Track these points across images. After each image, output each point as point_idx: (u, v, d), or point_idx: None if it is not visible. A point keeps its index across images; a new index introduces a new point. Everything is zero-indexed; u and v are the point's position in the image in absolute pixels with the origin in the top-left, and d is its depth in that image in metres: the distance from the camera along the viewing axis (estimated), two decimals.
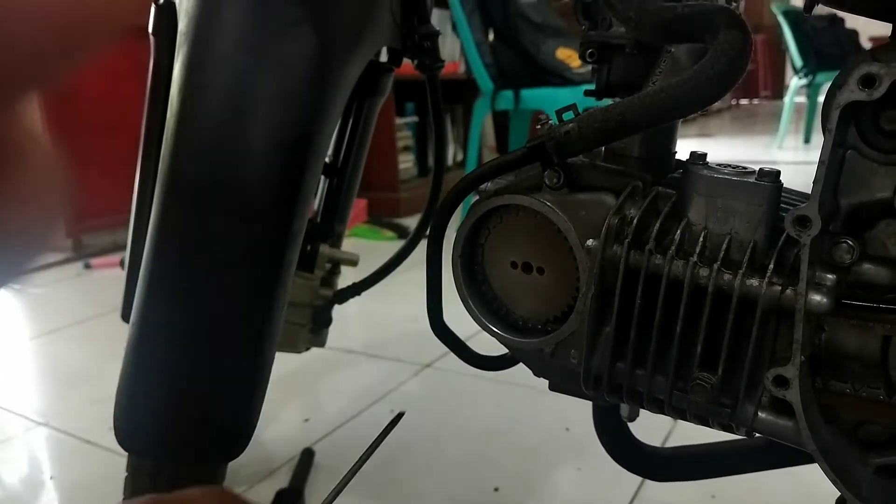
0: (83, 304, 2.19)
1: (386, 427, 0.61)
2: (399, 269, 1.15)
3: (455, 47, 3.34)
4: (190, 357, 0.57)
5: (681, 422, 0.74)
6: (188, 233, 0.56)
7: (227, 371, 0.59)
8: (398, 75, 0.87)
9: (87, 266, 2.58)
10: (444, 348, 0.68)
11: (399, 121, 3.18)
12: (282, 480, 1.18)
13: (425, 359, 1.67)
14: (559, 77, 2.62)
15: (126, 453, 0.69)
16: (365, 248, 2.90)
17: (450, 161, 3.49)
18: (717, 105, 9.58)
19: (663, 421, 1.32)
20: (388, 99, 0.88)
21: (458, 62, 3.40)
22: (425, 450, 1.30)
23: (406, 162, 3.27)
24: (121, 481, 0.78)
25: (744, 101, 9.93)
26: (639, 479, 1.17)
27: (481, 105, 2.70)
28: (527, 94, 2.59)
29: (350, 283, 1.09)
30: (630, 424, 0.68)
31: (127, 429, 0.60)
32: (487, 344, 0.65)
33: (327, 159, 0.91)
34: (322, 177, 0.92)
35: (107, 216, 2.72)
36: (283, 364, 1.64)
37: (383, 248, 2.81)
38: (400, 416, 0.61)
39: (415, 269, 0.59)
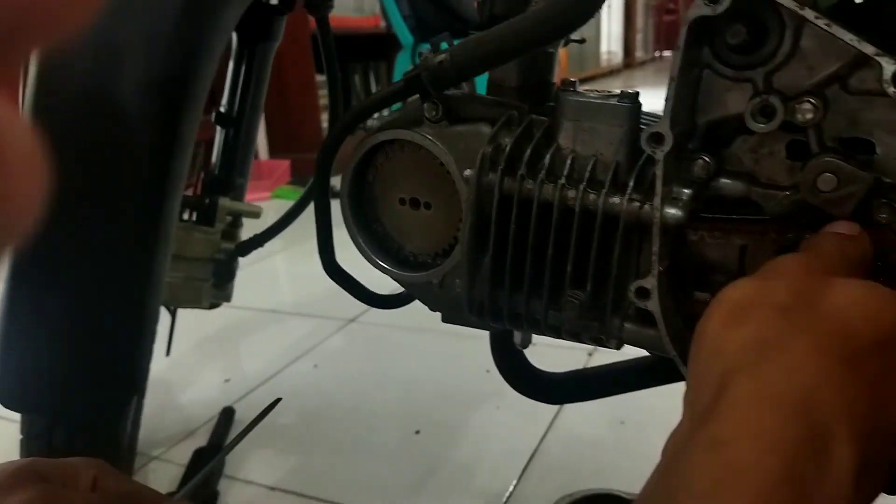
0: None
1: (260, 413, 0.61)
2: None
3: (375, 1, 3.26)
4: (67, 311, 0.55)
5: None
6: (56, 183, 0.53)
7: (106, 325, 0.57)
8: (315, 30, 0.85)
9: None
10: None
11: (320, 78, 3.11)
12: (201, 440, 1.17)
13: (350, 314, 1.68)
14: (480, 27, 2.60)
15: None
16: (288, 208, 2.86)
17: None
18: (640, 56, 9.72)
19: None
20: (307, 55, 0.85)
21: (378, 16, 3.33)
22: (347, 401, 1.31)
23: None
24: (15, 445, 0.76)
25: (667, 54, 10.12)
26: (553, 411, 1.22)
27: (402, 60, 2.66)
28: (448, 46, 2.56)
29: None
30: None
31: (4, 385, 0.58)
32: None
33: (222, 109, 0.89)
34: (218, 127, 0.89)
35: None
36: (204, 325, 1.62)
37: (307, 208, 2.77)
38: (276, 401, 0.60)
39: (341, 226, 0.59)
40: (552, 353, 0.76)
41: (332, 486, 1.06)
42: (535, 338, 0.65)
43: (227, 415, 1.22)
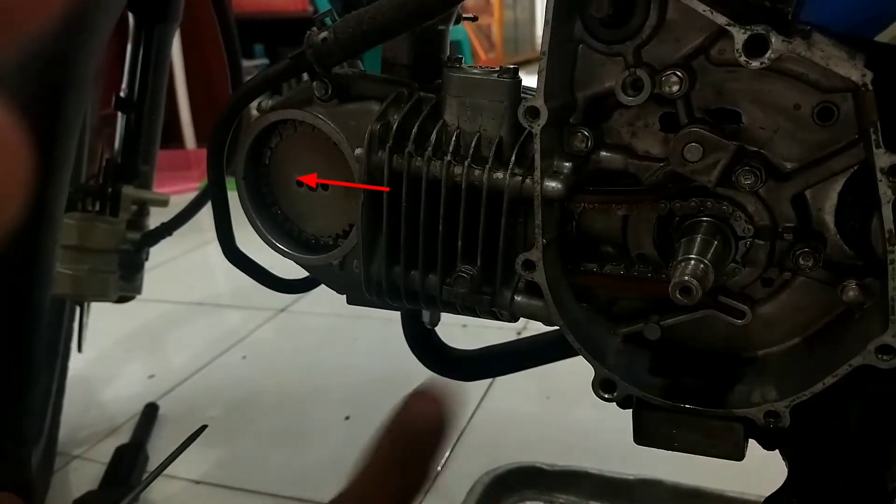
0: None
1: (183, 442, 0.58)
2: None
3: None
4: None
5: None
6: None
7: None
8: (244, 14, 0.83)
9: None
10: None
11: (247, 63, 3.03)
12: (124, 437, 1.14)
13: (280, 304, 1.65)
14: None
15: None
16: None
17: None
18: None
19: None
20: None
21: (306, 0, 3.26)
22: (276, 390, 1.29)
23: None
24: None
25: None
26: (482, 390, 1.23)
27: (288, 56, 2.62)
28: None
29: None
30: None
31: None
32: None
33: (122, 93, 0.86)
34: (119, 113, 0.86)
35: None
36: (128, 320, 1.58)
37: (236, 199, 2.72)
38: (202, 428, 0.58)
39: None
40: (485, 334, 0.77)
41: (259, 477, 1.05)
42: (467, 319, 0.65)
43: (151, 411, 1.20)
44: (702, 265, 0.41)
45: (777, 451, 0.51)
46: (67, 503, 0.95)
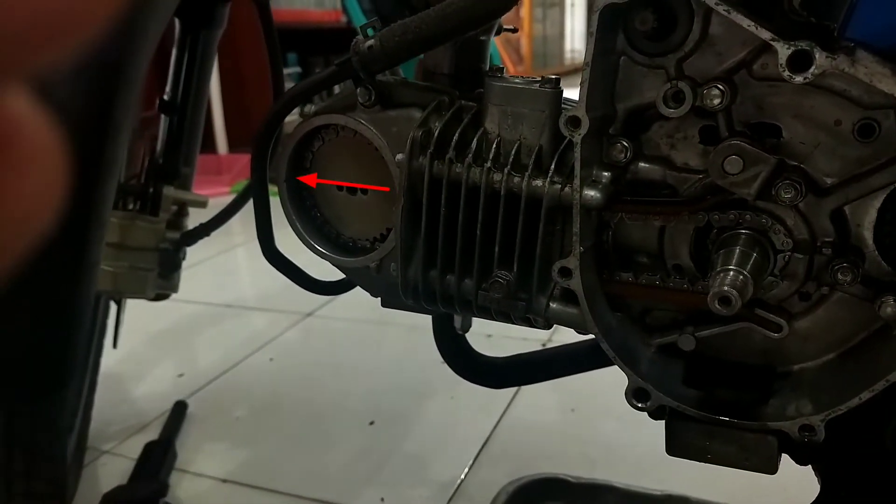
0: None
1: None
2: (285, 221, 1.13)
3: None
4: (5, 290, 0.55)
5: None
6: None
7: (34, 310, 0.57)
8: (278, 23, 0.85)
9: None
10: (326, 297, 0.68)
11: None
12: (153, 434, 1.16)
13: (307, 308, 1.67)
14: None
15: None
16: (248, 204, 2.83)
17: None
18: None
19: None
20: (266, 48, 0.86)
21: (339, 11, 3.32)
22: (302, 393, 1.31)
23: (290, 115, 3.18)
24: None
25: None
26: (507, 400, 1.23)
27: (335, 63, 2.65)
28: None
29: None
30: None
31: None
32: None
33: (165, 96, 0.88)
34: (162, 116, 0.89)
35: None
36: (160, 320, 1.61)
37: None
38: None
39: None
40: (510, 345, 0.77)
41: (284, 478, 1.06)
42: (492, 329, 0.66)
43: (180, 409, 1.21)
44: (741, 276, 0.42)
45: (808, 467, 0.51)
46: (97, 497, 0.97)
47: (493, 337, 1.39)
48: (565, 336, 0.74)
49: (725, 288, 0.41)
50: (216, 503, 1.02)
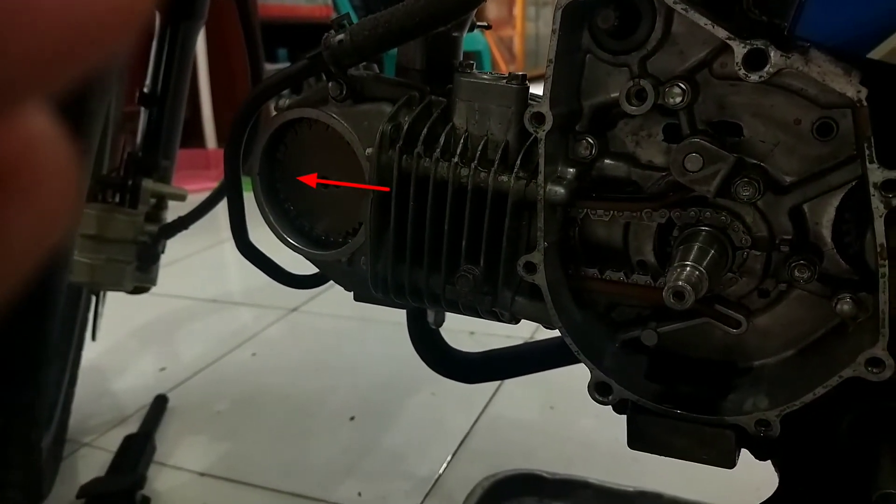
0: None
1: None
2: None
3: None
4: None
5: None
6: None
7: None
8: (268, 18, 0.85)
9: None
10: (311, 292, 0.68)
11: (270, 67, 3.07)
12: (133, 427, 1.16)
13: (292, 304, 1.67)
14: None
15: None
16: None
17: None
18: None
19: None
20: None
21: (329, 6, 3.31)
22: (284, 388, 1.31)
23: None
24: None
25: None
26: (487, 397, 1.24)
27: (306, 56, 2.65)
28: None
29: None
30: None
31: None
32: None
33: (145, 89, 0.88)
34: (141, 108, 0.89)
35: None
36: (142, 314, 1.60)
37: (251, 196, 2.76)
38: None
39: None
40: (492, 342, 0.78)
41: (262, 472, 1.06)
42: (475, 327, 0.66)
43: (160, 402, 1.21)
44: (697, 272, 0.42)
45: (772, 466, 0.52)
46: (74, 489, 0.97)
47: (475, 334, 1.39)
48: (548, 333, 0.75)
49: (680, 283, 0.41)
50: (193, 496, 1.02)
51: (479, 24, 0.62)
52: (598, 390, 0.50)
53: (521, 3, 6.38)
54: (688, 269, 0.42)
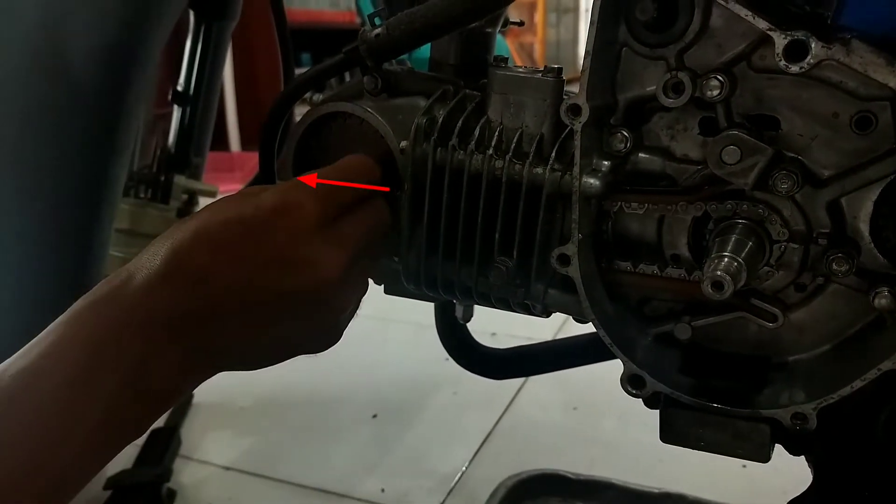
0: None
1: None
2: None
3: None
4: (12, 269, 0.56)
5: None
6: (0, 148, 0.55)
7: (52, 279, 0.58)
8: (293, 24, 0.86)
9: None
10: None
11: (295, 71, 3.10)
12: (158, 420, 1.17)
13: None
14: None
15: None
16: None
17: None
18: None
19: None
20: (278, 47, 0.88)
21: (353, 12, 3.34)
22: (306, 385, 1.32)
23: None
24: None
25: None
26: (509, 396, 1.24)
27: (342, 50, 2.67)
28: None
29: None
30: None
31: None
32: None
33: (178, 87, 0.90)
34: (175, 106, 0.90)
35: None
36: None
37: None
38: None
39: None
40: (514, 343, 0.78)
41: (286, 467, 1.07)
42: (497, 327, 0.67)
43: (185, 398, 1.23)
44: (735, 263, 0.42)
45: (805, 462, 0.52)
46: (102, 480, 0.99)
47: (497, 335, 1.39)
48: (570, 334, 0.74)
49: (719, 273, 0.41)
50: (218, 489, 1.04)
51: (512, 20, 0.63)
52: (632, 383, 0.50)
53: (542, 9, 6.38)
54: (726, 259, 0.42)
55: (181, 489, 1.02)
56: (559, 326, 1.48)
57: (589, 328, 0.59)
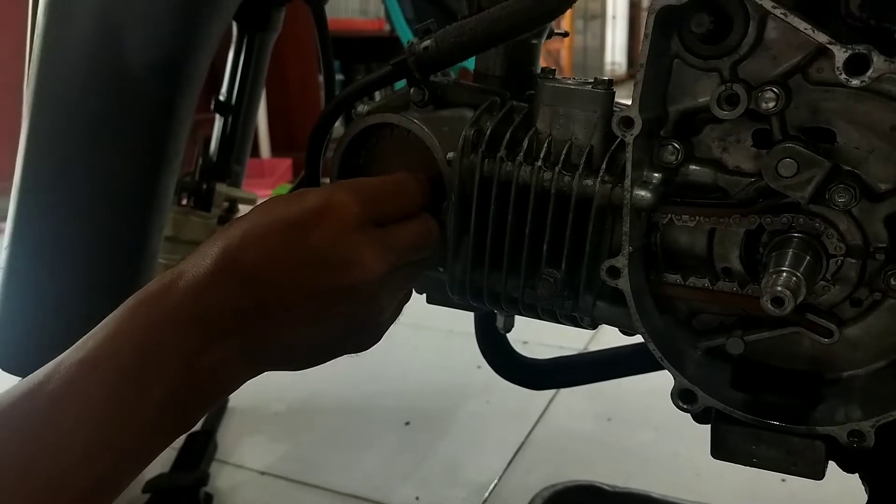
0: None
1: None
2: None
3: (380, 5, 3.30)
4: (64, 281, 0.58)
5: None
6: (57, 155, 0.56)
7: (103, 287, 0.60)
8: None
9: None
10: None
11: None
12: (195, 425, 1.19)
13: None
14: None
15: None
16: None
17: None
18: None
19: None
20: (309, 55, 0.87)
21: (383, 20, 3.36)
22: (339, 392, 1.33)
23: None
24: None
25: None
26: (542, 406, 1.23)
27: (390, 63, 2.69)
28: None
29: None
30: None
31: (3, 347, 0.60)
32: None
33: (221, 97, 0.91)
34: (217, 115, 0.92)
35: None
36: None
37: None
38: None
39: None
40: (545, 353, 0.78)
41: (321, 473, 1.08)
42: (528, 336, 0.67)
43: (221, 402, 1.24)
44: (794, 277, 0.42)
45: (860, 480, 0.51)
46: (141, 483, 1.00)
47: (528, 344, 1.39)
48: (602, 346, 0.74)
49: (779, 288, 0.41)
50: (254, 494, 1.04)
51: (557, 31, 0.63)
52: (683, 398, 0.49)
53: (569, 15, 6.37)
54: (785, 274, 0.42)
55: (218, 493, 1.04)
56: (591, 336, 1.47)
57: (624, 338, 0.58)
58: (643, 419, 1.18)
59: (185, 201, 0.89)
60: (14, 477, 0.35)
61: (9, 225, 0.60)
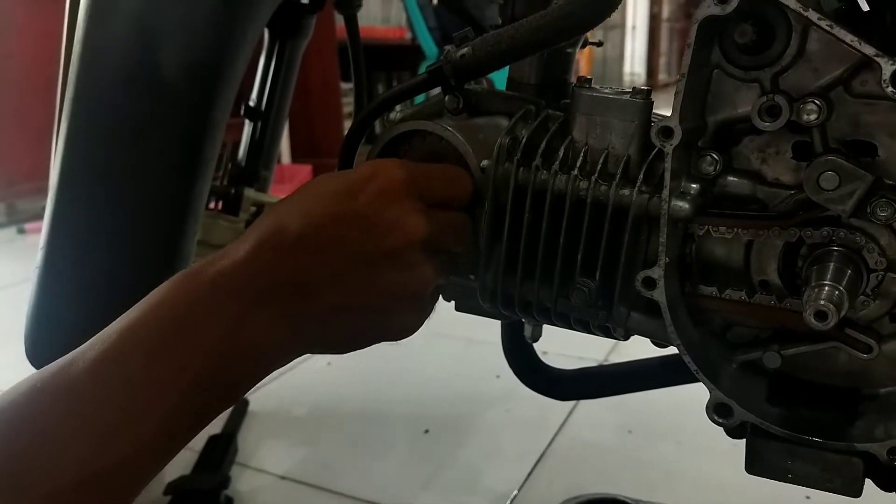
0: (16, 269, 2.13)
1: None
2: None
3: (402, 13, 3.32)
4: (102, 278, 0.58)
5: None
6: (96, 157, 0.57)
7: (138, 289, 0.60)
8: (344, 39, 0.88)
9: (21, 231, 2.51)
10: None
11: (345, 86, 3.15)
12: (216, 428, 1.19)
13: None
14: None
15: None
16: None
17: None
18: (664, 79, 9.73)
19: None
20: (331, 62, 0.89)
21: (405, 28, 3.38)
22: (358, 398, 1.33)
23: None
24: None
25: None
26: (562, 417, 1.23)
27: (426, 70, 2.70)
28: None
29: None
30: None
31: (37, 348, 0.61)
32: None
33: (251, 103, 0.92)
34: (246, 120, 0.93)
35: (40, 180, 2.64)
36: None
37: None
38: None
39: None
40: (564, 363, 0.77)
41: (340, 479, 1.08)
42: (547, 346, 0.66)
43: (242, 406, 1.25)
44: (837, 291, 0.41)
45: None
46: (161, 485, 1.01)
47: (548, 354, 1.38)
48: (622, 357, 0.73)
49: (822, 302, 0.40)
50: (275, 499, 1.05)
51: (591, 41, 0.63)
52: (718, 412, 0.49)
53: None
54: (828, 288, 0.41)
55: (238, 497, 1.04)
56: (611, 348, 1.47)
57: (645, 351, 0.57)
58: (665, 431, 1.17)
59: (213, 205, 0.90)
60: (60, 442, 0.35)
61: (45, 225, 0.60)
